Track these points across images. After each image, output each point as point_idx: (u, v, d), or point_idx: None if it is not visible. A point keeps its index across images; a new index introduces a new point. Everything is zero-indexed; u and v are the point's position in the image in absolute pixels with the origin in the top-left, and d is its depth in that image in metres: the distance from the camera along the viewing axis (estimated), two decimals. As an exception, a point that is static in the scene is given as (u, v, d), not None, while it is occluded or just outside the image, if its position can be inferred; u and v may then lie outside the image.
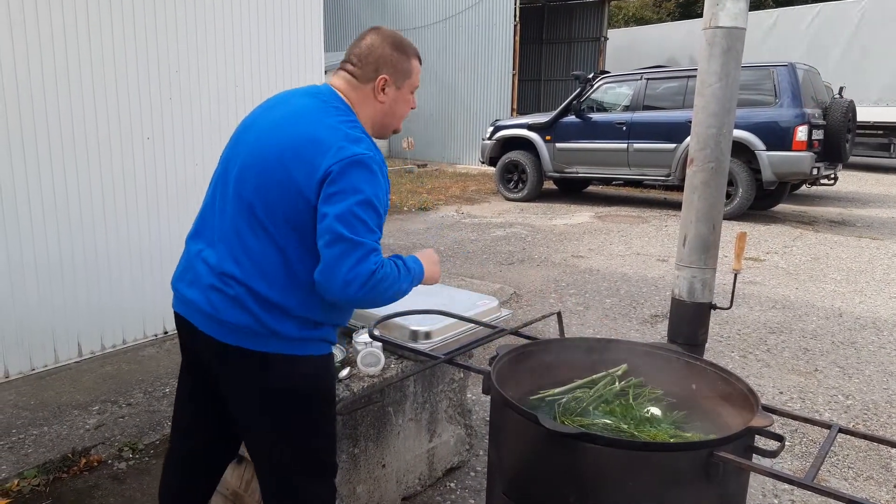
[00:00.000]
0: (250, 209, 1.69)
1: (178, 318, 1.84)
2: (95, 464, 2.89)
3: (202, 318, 1.74)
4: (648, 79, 9.99)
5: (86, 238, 3.77)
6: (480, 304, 2.80)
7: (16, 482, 2.70)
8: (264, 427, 1.81)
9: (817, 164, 8.82)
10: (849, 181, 13.47)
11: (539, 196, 11.19)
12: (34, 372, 3.67)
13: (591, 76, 10.88)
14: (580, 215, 9.84)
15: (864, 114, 14.00)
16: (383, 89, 1.80)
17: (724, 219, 2.48)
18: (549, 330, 4.45)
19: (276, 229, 1.67)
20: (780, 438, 1.59)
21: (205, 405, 1.96)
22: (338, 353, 2.46)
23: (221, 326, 1.71)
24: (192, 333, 1.79)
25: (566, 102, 10.72)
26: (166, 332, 4.27)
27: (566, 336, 2.34)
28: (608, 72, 11.77)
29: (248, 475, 2.48)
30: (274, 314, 1.69)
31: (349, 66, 1.82)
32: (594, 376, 1.94)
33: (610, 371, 1.97)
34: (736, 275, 2.42)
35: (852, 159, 15.83)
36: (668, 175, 9.64)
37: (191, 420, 2.00)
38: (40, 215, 3.56)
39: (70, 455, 2.90)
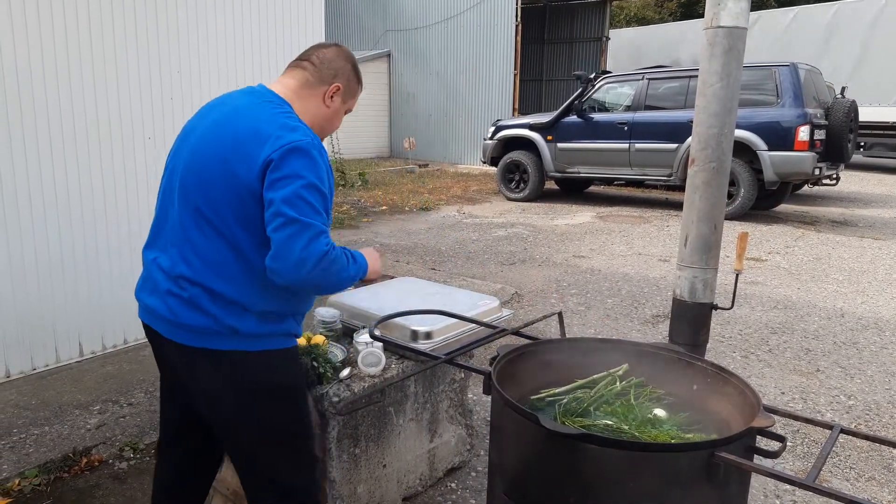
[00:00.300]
0: (198, 210, 1.70)
1: (145, 328, 1.86)
2: (96, 463, 2.89)
3: (164, 325, 1.75)
4: (650, 79, 9.98)
5: (87, 237, 3.77)
6: (481, 304, 2.79)
7: (17, 482, 2.70)
8: (237, 426, 1.82)
9: (819, 165, 8.81)
10: (851, 181, 13.45)
11: (540, 196, 11.18)
12: (35, 371, 3.67)
13: (592, 76, 10.87)
14: (582, 215, 9.84)
15: (886, 114, 14.00)
16: (332, 96, 1.87)
17: (726, 219, 2.47)
18: (550, 330, 4.44)
19: (226, 226, 1.67)
20: (781, 439, 1.59)
21: (184, 409, 1.98)
22: (339, 352, 2.46)
23: (182, 330, 1.72)
24: (158, 341, 1.81)
25: (568, 102, 10.72)
26: (167, 332, 4.26)
27: (567, 336, 2.34)
28: (610, 72, 11.77)
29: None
30: (232, 311, 1.69)
31: (308, 65, 1.85)
32: (595, 376, 1.94)
33: (611, 371, 1.96)
34: (737, 275, 2.41)
35: (862, 160, 15.82)
36: (670, 175, 9.64)
37: (175, 425, 2.03)
38: (41, 214, 3.56)
39: (71, 455, 2.90)
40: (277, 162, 1.63)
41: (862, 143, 14.83)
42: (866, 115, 14.15)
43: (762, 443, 1.61)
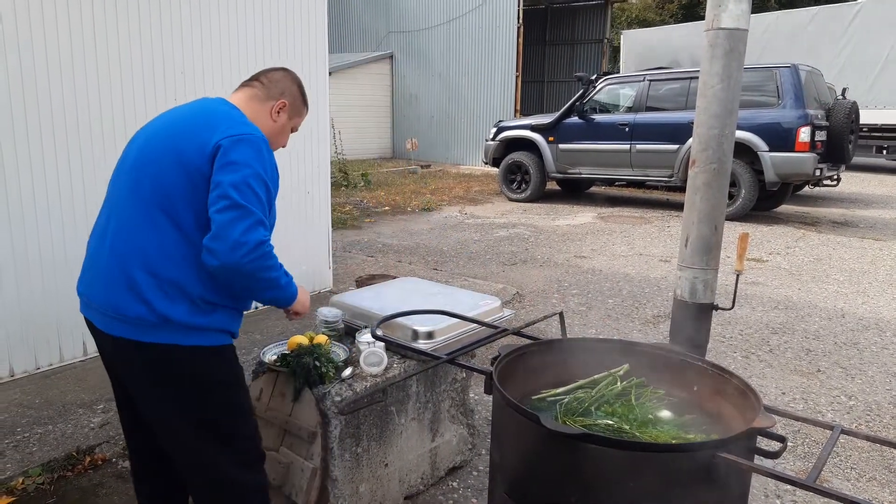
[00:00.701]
0: (146, 193, 1.75)
1: (86, 322, 1.88)
2: (100, 462, 2.90)
3: (100, 317, 1.78)
4: (651, 80, 9.99)
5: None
6: (483, 305, 2.81)
7: (20, 480, 2.71)
8: (174, 423, 1.83)
9: (820, 166, 8.81)
10: (851, 182, 13.44)
11: (542, 197, 11.19)
12: (39, 370, 3.69)
13: (593, 77, 10.87)
14: (583, 216, 9.84)
15: None
16: (279, 111, 2.00)
17: (727, 220, 2.48)
18: (551, 330, 4.45)
19: (173, 209, 1.72)
20: (782, 439, 1.59)
21: (128, 406, 1.99)
22: (341, 352, 2.47)
23: (116, 321, 1.74)
24: (96, 334, 1.84)
25: (569, 104, 10.73)
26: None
27: (568, 336, 2.35)
28: (611, 73, 11.77)
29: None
30: (168, 294, 1.71)
31: (257, 84, 2.01)
32: (596, 377, 1.95)
33: (612, 371, 1.97)
34: (738, 275, 2.42)
35: (885, 163, 15.71)
36: (671, 176, 9.64)
37: (132, 424, 2.04)
38: (45, 212, 3.58)
39: (74, 453, 2.91)
40: (227, 148, 1.72)
41: (885, 147, 14.75)
42: (890, 118, 14.11)
43: (763, 443, 1.62)
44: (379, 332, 2.30)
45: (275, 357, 2.46)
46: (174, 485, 2.09)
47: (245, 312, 2.19)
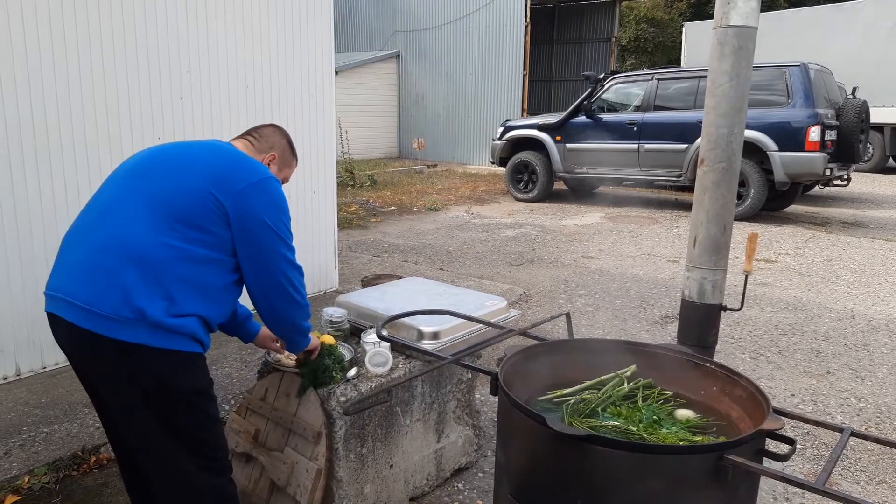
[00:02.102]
0: (149, 203, 1.78)
1: (50, 319, 1.83)
2: (105, 462, 2.90)
3: (67, 308, 1.74)
4: (659, 79, 9.95)
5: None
6: (489, 305, 2.79)
7: (26, 479, 2.71)
8: (140, 426, 1.82)
9: (830, 165, 8.75)
10: (862, 182, 13.36)
11: (549, 196, 11.16)
12: (45, 370, 3.69)
13: (601, 76, 10.84)
14: (590, 216, 9.81)
15: None
16: (269, 163, 2.12)
17: (736, 220, 2.46)
18: (558, 331, 4.43)
19: (180, 225, 1.77)
20: (791, 442, 1.57)
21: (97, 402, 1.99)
22: (346, 352, 2.46)
23: (85, 313, 1.71)
24: (63, 333, 1.80)
25: (577, 103, 10.69)
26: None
27: (575, 337, 2.33)
28: (619, 72, 11.73)
29: (255, 474, 2.49)
30: (148, 287, 1.71)
31: (250, 138, 2.15)
32: (603, 378, 1.93)
33: (619, 372, 1.95)
34: (747, 276, 2.40)
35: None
36: (680, 175, 9.60)
37: (113, 436, 2.04)
38: (52, 212, 3.58)
39: (80, 453, 2.91)
40: (257, 188, 1.86)
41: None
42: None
43: (771, 445, 1.60)
44: (384, 333, 2.30)
45: (280, 357, 2.45)
46: None
47: (252, 312, 2.19)
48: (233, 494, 1.97)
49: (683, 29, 19.60)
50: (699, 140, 2.51)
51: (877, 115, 12.68)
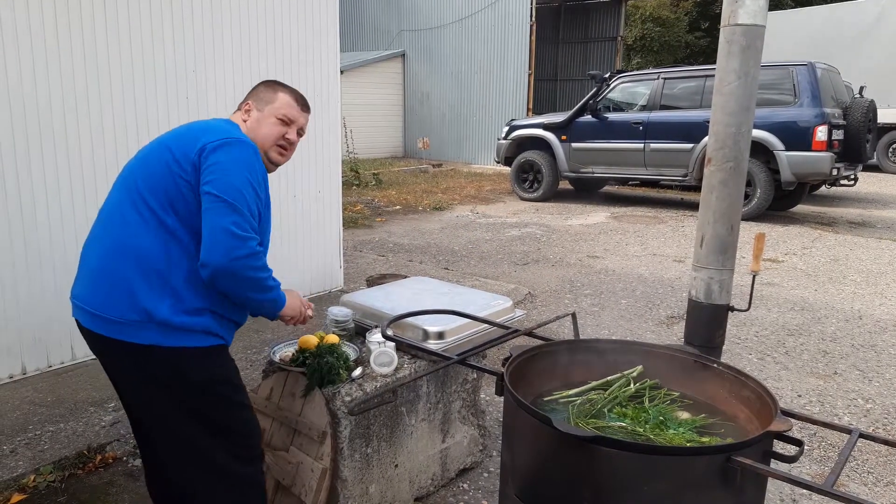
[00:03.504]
0: (137, 199, 1.81)
1: (77, 324, 1.90)
2: (110, 461, 2.90)
3: (88, 317, 1.81)
4: (665, 78, 9.92)
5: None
6: (494, 305, 2.78)
7: (32, 478, 2.72)
8: (165, 421, 1.85)
9: (837, 165, 8.72)
10: (869, 182, 13.30)
11: (554, 196, 11.15)
12: (51, 369, 3.70)
13: (607, 76, 10.81)
14: (596, 215, 9.79)
15: None
16: (247, 111, 2.06)
17: (742, 219, 2.45)
18: (563, 331, 4.42)
19: (163, 211, 1.78)
20: (798, 443, 1.56)
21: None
22: (351, 352, 2.46)
23: (100, 321, 1.78)
24: (84, 334, 1.88)
25: (582, 102, 10.67)
26: (182, 331, 4.29)
27: (581, 337, 2.32)
28: (625, 71, 11.71)
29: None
30: (153, 287, 1.73)
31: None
32: (609, 378, 1.92)
33: (625, 373, 1.94)
34: (754, 276, 2.38)
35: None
36: (686, 175, 9.57)
37: (136, 428, 2.06)
38: (58, 212, 3.59)
39: (86, 452, 2.92)
40: (210, 151, 1.79)
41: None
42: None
43: (779, 446, 1.59)
44: (389, 332, 2.29)
45: (288, 355, 2.44)
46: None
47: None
48: (261, 482, 1.99)
49: (769, 19, 18.93)
50: (705, 139, 2.50)
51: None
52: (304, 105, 2.11)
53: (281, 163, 2.08)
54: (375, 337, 2.45)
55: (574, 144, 10.58)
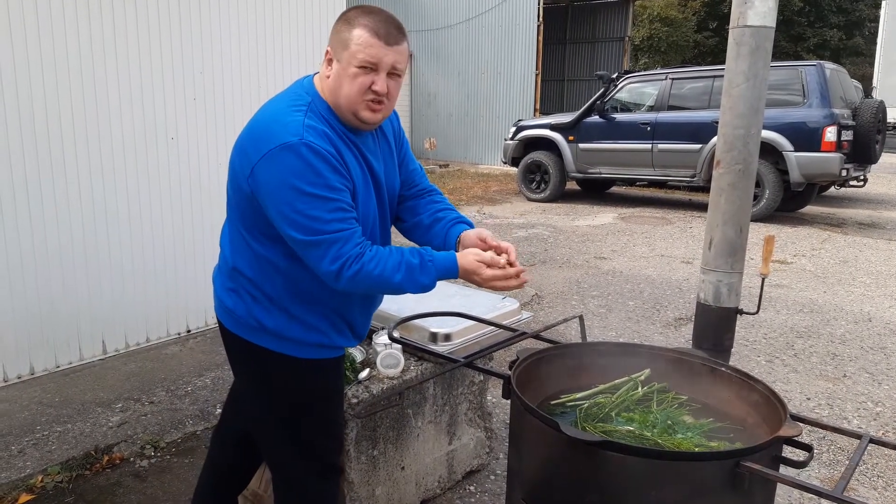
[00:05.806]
0: (230, 205, 1.79)
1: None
2: (118, 461, 2.91)
3: (217, 306, 1.88)
4: (673, 79, 9.89)
5: (110, 234, 3.81)
6: (501, 306, 2.77)
7: (40, 478, 2.73)
8: (263, 421, 1.89)
9: (846, 166, 8.66)
10: (878, 183, 13.21)
11: (561, 197, 11.12)
12: (59, 369, 3.71)
13: (614, 76, 10.78)
14: (603, 216, 9.76)
15: None
16: (328, 64, 1.68)
17: (751, 220, 2.43)
18: (570, 333, 4.41)
19: (244, 224, 1.74)
20: (808, 448, 1.55)
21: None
22: (357, 354, 2.45)
23: (221, 310, 1.84)
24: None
25: (589, 102, 10.64)
26: (189, 331, 4.30)
27: (588, 339, 2.31)
28: (632, 71, 11.67)
29: (267, 475, 2.49)
30: (257, 300, 1.75)
31: None
32: (616, 381, 1.91)
33: (633, 376, 1.93)
34: (763, 279, 2.37)
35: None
36: (694, 176, 9.53)
37: (231, 404, 2.16)
38: (66, 212, 3.60)
39: (93, 452, 2.93)
40: (257, 176, 1.58)
41: None
42: None
43: (788, 451, 1.57)
44: (396, 334, 2.28)
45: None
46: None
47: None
48: (333, 498, 1.96)
49: (884, 4, 18.34)
50: (713, 140, 2.49)
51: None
52: (388, 36, 1.61)
53: (378, 120, 1.68)
54: (382, 339, 2.44)
55: (581, 145, 10.56)
